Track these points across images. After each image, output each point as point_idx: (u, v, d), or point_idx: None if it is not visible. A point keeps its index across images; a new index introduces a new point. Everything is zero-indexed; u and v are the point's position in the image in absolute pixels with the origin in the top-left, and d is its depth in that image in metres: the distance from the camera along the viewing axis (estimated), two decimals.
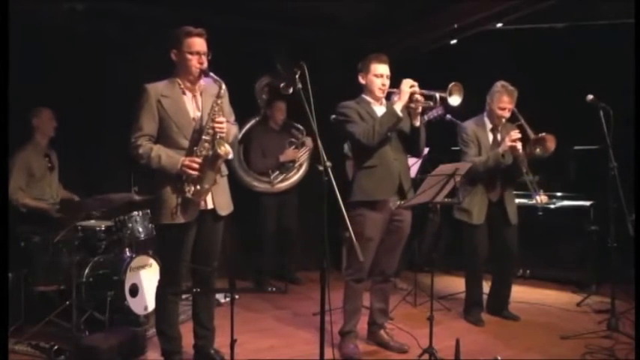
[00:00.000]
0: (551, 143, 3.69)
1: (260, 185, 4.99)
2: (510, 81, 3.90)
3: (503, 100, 3.82)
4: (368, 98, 3.37)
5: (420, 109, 3.23)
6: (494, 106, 3.86)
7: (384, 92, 3.33)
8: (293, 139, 5.11)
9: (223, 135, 2.82)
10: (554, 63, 5.28)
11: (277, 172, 5.01)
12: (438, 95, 3.18)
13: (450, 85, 3.16)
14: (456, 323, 4.00)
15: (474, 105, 4.16)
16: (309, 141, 5.06)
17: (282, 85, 2.73)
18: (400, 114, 3.17)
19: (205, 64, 2.84)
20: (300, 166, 5.09)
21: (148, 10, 4.62)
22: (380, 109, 3.35)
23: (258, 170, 4.99)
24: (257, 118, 5.14)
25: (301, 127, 5.07)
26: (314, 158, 4.83)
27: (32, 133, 4.07)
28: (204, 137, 2.81)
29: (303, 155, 5.09)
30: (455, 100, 3.18)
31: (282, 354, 3.38)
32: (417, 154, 3.50)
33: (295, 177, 5.08)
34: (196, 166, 2.76)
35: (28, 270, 3.70)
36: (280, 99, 5.00)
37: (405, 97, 3.16)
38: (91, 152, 4.73)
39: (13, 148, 3.77)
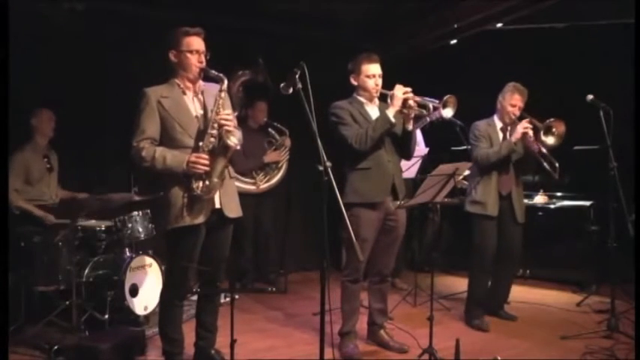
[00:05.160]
0: (560, 126, 3.67)
1: (244, 186, 4.85)
2: (510, 81, 3.92)
3: (515, 97, 3.90)
4: (361, 98, 3.36)
5: (412, 115, 3.23)
6: (506, 103, 3.92)
7: (378, 92, 3.31)
8: (272, 140, 5.05)
9: (230, 127, 2.75)
10: (554, 63, 5.28)
11: (262, 174, 4.97)
12: (431, 105, 3.20)
13: (446, 97, 3.17)
14: (456, 323, 4.00)
15: (474, 105, 4.18)
16: (287, 141, 5.01)
17: (282, 85, 2.72)
18: (393, 120, 3.17)
19: (204, 63, 2.82)
20: (281, 167, 5.05)
21: (147, 10, 4.62)
22: (373, 109, 3.35)
23: (241, 171, 4.75)
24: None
25: (280, 127, 5.00)
26: (312, 157, 4.81)
27: (31, 134, 4.07)
28: (209, 132, 2.74)
29: (284, 156, 5.05)
30: (448, 113, 3.20)
31: (281, 354, 3.38)
32: (407, 156, 3.48)
33: (277, 177, 5.03)
34: (204, 161, 2.70)
35: (28, 270, 3.68)
36: (261, 99, 4.95)
37: (397, 103, 3.16)
38: (91, 152, 4.72)
39: (12, 148, 3.76)
